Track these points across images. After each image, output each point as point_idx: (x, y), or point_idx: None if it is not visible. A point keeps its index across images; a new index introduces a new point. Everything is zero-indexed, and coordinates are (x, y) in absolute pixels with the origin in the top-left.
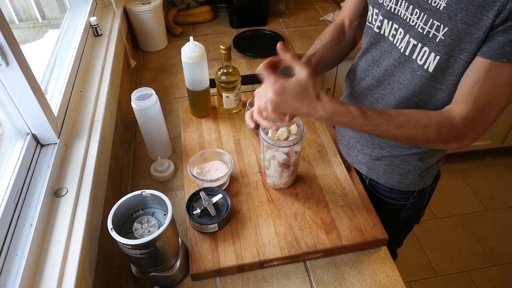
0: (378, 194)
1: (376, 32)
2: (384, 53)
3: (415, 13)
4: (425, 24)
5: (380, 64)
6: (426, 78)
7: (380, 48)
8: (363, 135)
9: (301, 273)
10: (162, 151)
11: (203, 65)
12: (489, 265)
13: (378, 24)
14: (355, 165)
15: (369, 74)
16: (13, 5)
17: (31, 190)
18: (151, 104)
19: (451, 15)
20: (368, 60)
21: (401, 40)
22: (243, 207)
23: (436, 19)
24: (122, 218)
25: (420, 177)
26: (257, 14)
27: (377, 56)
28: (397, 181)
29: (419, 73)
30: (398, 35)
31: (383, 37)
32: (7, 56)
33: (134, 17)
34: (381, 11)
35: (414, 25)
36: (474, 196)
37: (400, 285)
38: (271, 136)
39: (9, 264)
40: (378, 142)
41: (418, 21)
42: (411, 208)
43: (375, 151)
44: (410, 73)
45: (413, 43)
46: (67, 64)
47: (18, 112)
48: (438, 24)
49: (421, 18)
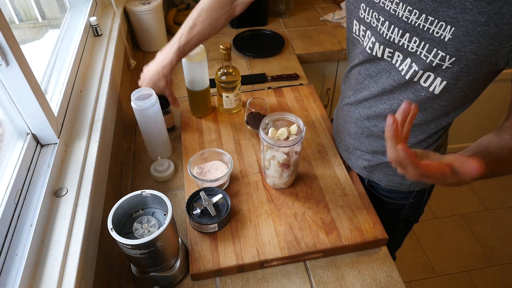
0: (377, 194)
1: (369, 53)
2: (381, 71)
3: (414, 41)
4: (428, 52)
5: (378, 80)
6: (431, 98)
7: (376, 65)
8: (362, 142)
9: (301, 273)
10: (162, 151)
11: (203, 65)
12: (489, 265)
13: (370, 45)
14: (355, 169)
15: (365, 88)
16: (13, 5)
17: (31, 190)
18: (151, 104)
19: (459, 47)
20: (362, 73)
21: (401, 62)
22: (243, 207)
23: (441, 49)
24: (122, 218)
25: None
26: (257, 14)
27: (373, 72)
28: (398, 182)
29: (423, 94)
30: (396, 57)
31: (378, 58)
32: (7, 56)
33: (134, 17)
34: (371, 32)
35: (415, 52)
36: (474, 196)
37: (400, 285)
38: (271, 136)
39: (9, 264)
40: (378, 147)
41: (419, 49)
42: (410, 208)
43: (376, 157)
44: (413, 93)
45: (415, 69)
46: (67, 64)
47: (18, 112)
48: (444, 55)
49: (423, 46)
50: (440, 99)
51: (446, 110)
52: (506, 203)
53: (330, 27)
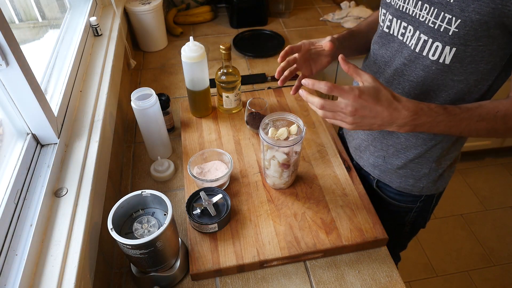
0: (385, 196)
1: (386, 32)
2: (395, 53)
3: (425, 8)
4: (436, 18)
5: (391, 65)
6: (443, 71)
7: (391, 48)
8: (376, 137)
9: (301, 273)
10: (162, 151)
11: (203, 65)
12: (489, 265)
13: (388, 23)
14: (366, 168)
15: (379, 77)
16: (13, 5)
17: (31, 190)
18: (151, 104)
19: (463, 6)
20: (378, 62)
21: (411, 37)
22: (243, 207)
23: (448, 11)
24: (122, 218)
25: (434, 182)
26: (257, 14)
27: (388, 57)
28: (411, 185)
29: (434, 68)
30: (407, 33)
31: (393, 37)
32: (7, 56)
33: (134, 17)
34: (390, 11)
35: (424, 21)
36: (474, 196)
37: (400, 285)
38: (271, 136)
39: (9, 264)
40: (393, 144)
41: (428, 16)
42: (417, 212)
43: (389, 154)
44: (422, 70)
45: (424, 38)
46: (67, 64)
47: (18, 112)
48: (450, 17)
49: (431, 12)
50: (452, 72)
51: (461, 90)
52: (506, 203)
53: (330, 27)
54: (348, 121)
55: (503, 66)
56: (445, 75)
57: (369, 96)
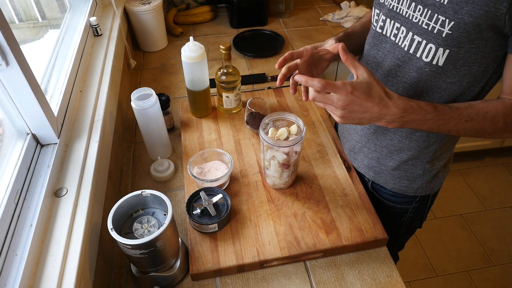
0: (381, 198)
1: (379, 33)
2: (387, 54)
3: (418, 10)
4: (429, 20)
5: (383, 65)
6: (436, 73)
7: (383, 49)
8: (370, 139)
9: (301, 273)
10: (162, 151)
11: (203, 65)
12: (489, 265)
13: (381, 24)
14: (360, 170)
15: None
16: (13, 5)
17: (31, 190)
18: (151, 104)
19: (456, 9)
20: (370, 63)
21: (404, 38)
22: (243, 207)
23: (441, 13)
24: (122, 218)
25: (428, 183)
26: (257, 14)
27: (380, 58)
28: (405, 186)
29: (427, 69)
30: (400, 34)
31: (385, 37)
32: (7, 56)
33: (134, 17)
34: (383, 11)
35: (418, 22)
36: (474, 196)
37: (400, 285)
38: (271, 136)
39: (9, 264)
40: (386, 145)
41: (422, 17)
42: (413, 213)
43: (383, 155)
44: (416, 71)
45: (418, 40)
46: (67, 64)
47: (18, 112)
48: (443, 19)
49: (425, 14)
50: (445, 74)
51: (453, 92)
52: (506, 203)
53: (330, 27)
54: (338, 114)
55: (495, 68)
56: (438, 77)
57: (361, 92)
